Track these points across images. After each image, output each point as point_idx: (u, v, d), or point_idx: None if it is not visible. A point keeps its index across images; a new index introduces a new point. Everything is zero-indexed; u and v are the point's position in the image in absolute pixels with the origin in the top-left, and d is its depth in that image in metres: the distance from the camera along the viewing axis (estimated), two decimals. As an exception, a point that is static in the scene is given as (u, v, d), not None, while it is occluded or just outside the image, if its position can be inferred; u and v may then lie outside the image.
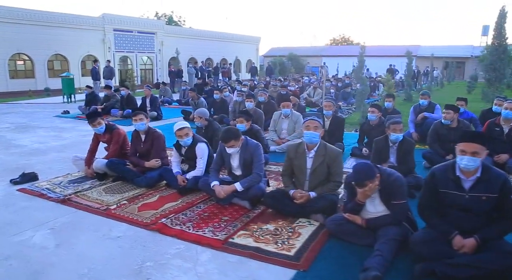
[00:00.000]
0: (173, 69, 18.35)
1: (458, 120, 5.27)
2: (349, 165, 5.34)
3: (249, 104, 7.04)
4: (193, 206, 3.79)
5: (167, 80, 25.76)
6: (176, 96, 14.13)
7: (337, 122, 5.99)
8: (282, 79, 16.59)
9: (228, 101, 9.43)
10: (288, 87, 12.99)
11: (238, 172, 3.93)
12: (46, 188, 4.28)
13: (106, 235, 3.18)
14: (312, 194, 3.54)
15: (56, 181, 4.54)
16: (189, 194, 4.08)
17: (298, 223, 3.42)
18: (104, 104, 10.05)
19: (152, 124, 9.09)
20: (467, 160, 2.55)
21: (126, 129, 5.19)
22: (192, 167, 4.33)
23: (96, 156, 4.91)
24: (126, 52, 23.87)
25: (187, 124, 4.22)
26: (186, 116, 9.52)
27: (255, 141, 3.91)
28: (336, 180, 3.58)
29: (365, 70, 32.85)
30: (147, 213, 3.59)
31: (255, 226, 3.34)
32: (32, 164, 5.33)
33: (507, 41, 11.43)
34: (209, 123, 5.42)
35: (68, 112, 10.61)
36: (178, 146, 4.34)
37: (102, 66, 17.41)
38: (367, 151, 5.62)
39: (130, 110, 9.42)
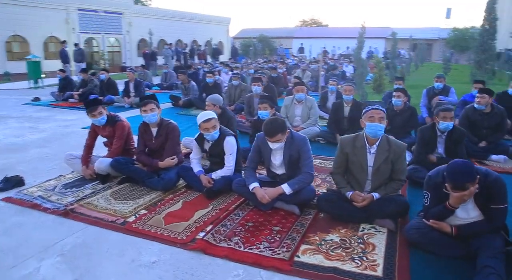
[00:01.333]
0: (147, 51, 17.08)
1: (492, 105, 4.90)
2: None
3: (257, 88, 6.37)
4: (231, 213, 3.15)
5: (136, 62, 24.37)
6: (156, 80, 13.09)
7: (358, 108, 5.46)
8: (260, 62, 15.83)
9: (220, 85, 8.69)
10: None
11: (280, 171, 3.31)
12: (39, 196, 3.47)
13: (136, 260, 2.49)
14: (376, 195, 3.01)
15: (49, 186, 3.74)
16: (217, 198, 3.44)
17: (362, 230, 2.89)
18: (81, 89, 8.99)
19: (134, 111, 8.32)
20: None
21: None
22: (216, 164, 3.67)
23: (93, 153, 4.12)
24: (92, 33, 22.06)
25: (213, 114, 3.52)
26: (175, 102, 8.71)
27: (301, 134, 3.29)
28: (400, 178, 3.06)
29: (347, 49, 32.91)
30: (177, 226, 2.92)
31: (317, 238, 2.77)
32: (11, 164, 4.44)
33: (497, 23, 11.33)
34: (223, 111, 4.72)
35: (39, 99, 9.42)
36: (200, 141, 3.64)
37: (69, 48, 15.87)
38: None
39: (112, 96, 8.51)
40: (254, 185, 3.16)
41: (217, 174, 3.54)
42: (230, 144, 3.51)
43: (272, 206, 3.19)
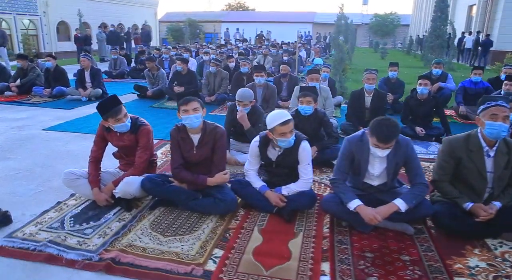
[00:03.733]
0: (79, 35, 14.82)
1: (514, 91, 4.81)
2: (430, 151, 4.48)
3: (260, 79, 5.56)
4: (333, 242, 2.45)
5: (56, 48, 21.38)
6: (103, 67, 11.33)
7: (380, 98, 5.02)
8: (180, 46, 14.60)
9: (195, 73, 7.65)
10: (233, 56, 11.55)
11: (376, 182, 2.67)
12: (48, 240, 2.38)
13: None
14: (498, 205, 2.55)
15: (51, 221, 2.64)
16: (294, 219, 2.72)
17: (495, 248, 2.42)
18: (20, 80, 7.24)
19: (95, 105, 6.67)
20: None
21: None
22: (278, 176, 2.90)
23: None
24: (1, 13, 18.71)
25: (288, 113, 2.72)
26: (142, 92, 7.51)
27: (404, 136, 2.68)
28: None
29: (269, 34, 32.78)
30: (285, 270, 2.14)
31: (460, 265, 2.22)
32: (-30, 189, 3.15)
33: (448, 9, 11.84)
34: (253, 108, 3.90)
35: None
36: (264, 148, 2.84)
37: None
38: (423, 130, 4.83)
39: (63, 88, 7.04)
40: (357, 203, 2.49)
41: (290, 189, 2.79)
42: (307, 151, 2.77)
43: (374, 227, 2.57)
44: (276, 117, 2.64)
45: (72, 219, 2.69)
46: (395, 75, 6.59)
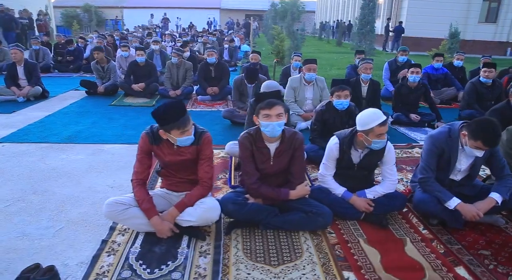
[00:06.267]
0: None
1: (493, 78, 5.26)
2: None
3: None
4: (442, 242, 2.35)
5: None
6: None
7: (375, 87, 5.06)
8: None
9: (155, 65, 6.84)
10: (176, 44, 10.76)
11: (459, 177, 2.63)
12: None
13: None
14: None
15: (115, 269, 2.02)
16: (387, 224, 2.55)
17: None
18: None
19: (39, 106, 5.56)
20: None
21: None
22: (355, 179, 2.68)
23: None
24: None
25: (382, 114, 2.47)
26: (91, 88, 6.47)
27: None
28: None
29: (178, 20, 31.52)
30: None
31: None
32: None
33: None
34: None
35: None
36: (348, 150, 2.58)
37: None
38: (418, 117, 5.03)
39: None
40: (457, 201, 2.42)
41: (376, 192, 2.59)
42: (393, 152, 2.60)
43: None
44: (373, 117, 2.40)
45: (141, 262, 2.11)
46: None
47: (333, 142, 2.61)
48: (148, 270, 2.04)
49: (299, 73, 6.66)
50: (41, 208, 2.68)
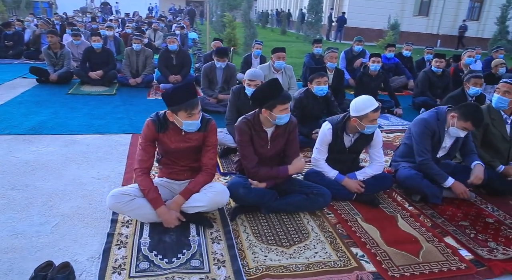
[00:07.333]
0: None
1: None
2: (392, 122, 4.96)
3: (222, 64, 5.06)
4: (428, 217, 2.61)
5: None
6: None
7: (340, 76, 5.31)
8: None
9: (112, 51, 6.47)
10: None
11: (440, 154, 2.93)
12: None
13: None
14: (523, 163, 3.15)
15: (130, 262, 1.99)
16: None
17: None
18: None
19: None
20: None
21: None
22: (343, 163, 2.86)
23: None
24: None
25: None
26: (42, 76, 6.00)
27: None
28: None
29: (116, 6, 29.90)
30: (427, 253, 2.19)
31: (527, 219, 2.70)
32: None
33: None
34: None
35: None
36: (341, 134, 2.73)
37: None
38: (380, 104, 5.34)
39: None
40: (451, 181, 2.75)
41: (365, 174, 2.79)
42: (381, 136, 2.80)
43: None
44: (367, 103, 2.57)
45: (155, 252, 2.09)
46: (320, 51, 7.01)
47: (327, 128, 2.74)
48: (166, 260, 2.02)
49: (260, 61, 6.80)
50: (28, 204, 2.51)
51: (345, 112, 2.77)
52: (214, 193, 2.30)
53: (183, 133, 2.31)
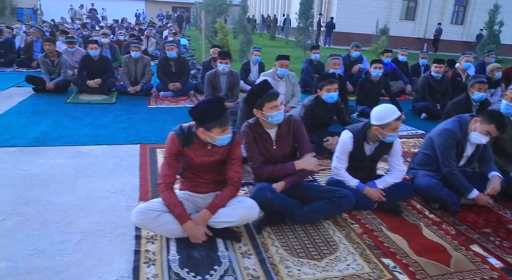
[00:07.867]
0: None
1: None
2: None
3: (225, 67, 5.03)
4: (451, 224, 2.62)
5: None
6: None
7: (343, 82, 5.32)
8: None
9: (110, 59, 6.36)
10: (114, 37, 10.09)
11: (462, 163, 2.94)
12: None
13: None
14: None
15: (164, 280, 1.93)
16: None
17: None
18: None
19: None
20: None
21: None
22: (360, 171, 2.85)
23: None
24: None
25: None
26: (39, 85, 5.86)
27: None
28: None
29: (103, 12, 29.59)
30: (458, 262, 2.19)
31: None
32: None
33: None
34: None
35: None
36: (362, 143, 2.72)
37: None
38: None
39: None
40: (476, 193, 2.76)
41: (386, 182, 2.78)
42: (400, 144, 2.81)
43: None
44: (389, 112, 2.56)
45: (187, 269, 2.03)
46: (318, 57, 7.05)
47: (348, 136, 2.73)
48: (199, 278, 1.97)
49: (258, 67, 6.80)
50: (44, 220, 2.41)
51: (366, 120, 2.77)
52: (245, 209, 2.25)
53: (209, 147, 2.26)
